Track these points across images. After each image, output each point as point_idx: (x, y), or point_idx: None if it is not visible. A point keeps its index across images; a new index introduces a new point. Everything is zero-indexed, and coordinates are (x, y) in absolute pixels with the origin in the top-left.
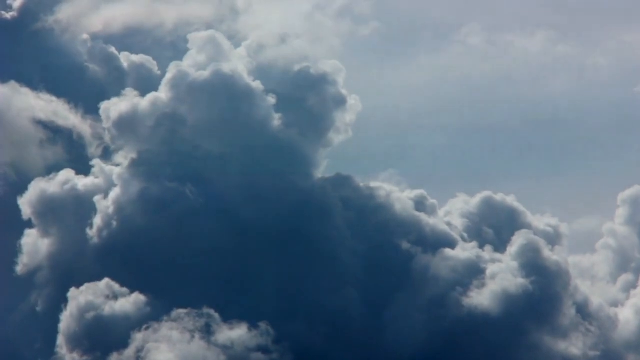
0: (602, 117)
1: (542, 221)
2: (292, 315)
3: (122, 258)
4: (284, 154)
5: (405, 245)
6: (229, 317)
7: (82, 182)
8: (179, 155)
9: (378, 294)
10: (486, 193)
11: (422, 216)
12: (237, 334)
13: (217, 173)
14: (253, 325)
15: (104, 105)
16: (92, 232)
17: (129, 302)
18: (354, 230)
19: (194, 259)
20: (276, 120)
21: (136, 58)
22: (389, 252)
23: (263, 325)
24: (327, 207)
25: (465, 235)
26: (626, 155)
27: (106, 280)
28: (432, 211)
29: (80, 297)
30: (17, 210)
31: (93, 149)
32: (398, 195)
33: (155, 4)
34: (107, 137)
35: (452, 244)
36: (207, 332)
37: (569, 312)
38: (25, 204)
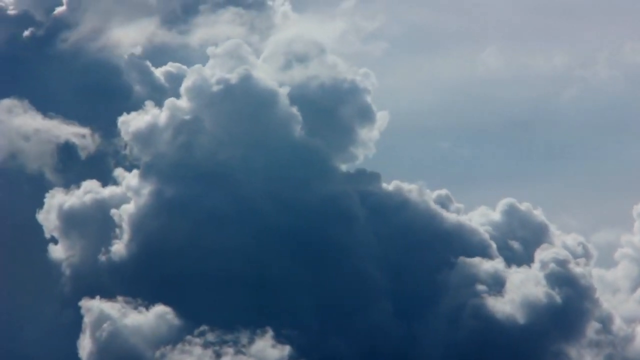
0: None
1: (564, 233)
2: (326, 330)
3: (143, 271)
4: (306, 163)
5: (434, 252)
6: (256, 332)
7: (106, 193)
8: (199, 163)
9: (408, 304)
10: (509, 201)
11: (450, 220)
12: (268, 352)
13: (239, 180)
14: (285, 341)
15: (122, 119)
16: (113, 245)
17: (151, 317)
18: (379, 236)
19: (218, 271)
20: (299, 129)
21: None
22: (417, 260)
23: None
24: (352, 213)
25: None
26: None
27: (127, 294)
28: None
29: (100, 310)
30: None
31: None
32: (425, 197)
33: (182, 24)
34: (127, 151)
35: (480, 253)
36: (235, 347)
37: (593, 325)
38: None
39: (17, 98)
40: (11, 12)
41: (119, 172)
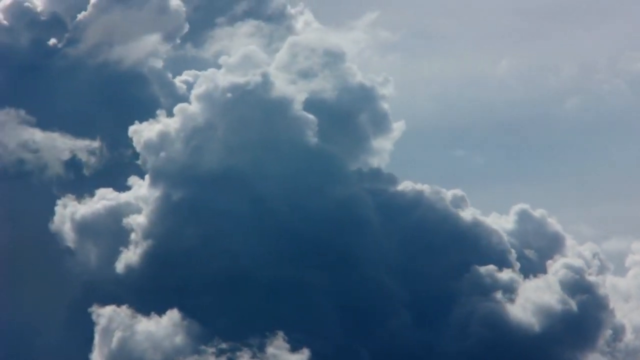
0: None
1: (577, 241)
2: (342, 335)
3: (155, 278)
4: (321, 168)
5: (451, 256)
6: (269, 338)
7: (119, 201)
8: (212, 169)
9: (423, 309)
10: (521, 207)
11: (467, 224)
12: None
13: (253, 186)
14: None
15: (132, 128)
16: (126, 252)
17: (164, 324)
18: (395, 239)
19: (232, 277)
20: (314, 135)
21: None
22: (434, 263)
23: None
24: (366, 218)
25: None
26: None
27: (139, 301)
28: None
29: (112, 317)
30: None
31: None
32: (440, 198)
33: (199, 37)
34: (140, 160)
35: (498, 259)
36: (250, 351)
37: (606, 333)
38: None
39: (29, 107)
40: (38, 13)
41: (133, 180)
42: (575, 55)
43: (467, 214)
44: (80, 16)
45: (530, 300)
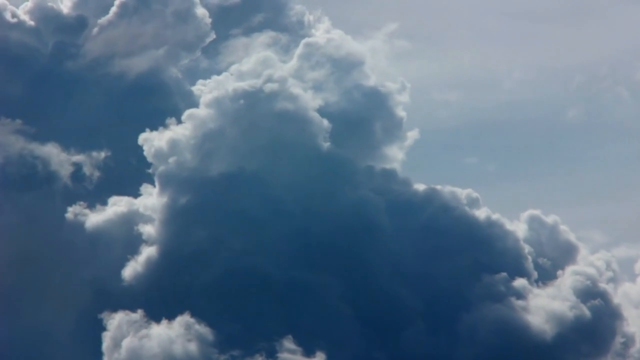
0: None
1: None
2: (357, 340)
3: (166, 283)
4: (334, 173)
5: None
6: (282, 343)
7: (130, 207)
8: (223, 173)
9: (438, 319)
10: (532, 213)
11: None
12: None
13: (265, 191)
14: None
15: (143, 136)
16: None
17: (176, 330)
18: (407, 245)
19: (247, 285)
20: (327, 139)
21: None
22: (448, 267)
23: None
24: (380, 222)
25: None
26: None
27: (150, 307)
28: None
29: (122, 323)
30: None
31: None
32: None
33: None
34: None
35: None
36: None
37: (619, 341)
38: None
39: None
40: (65, 14)
41: (145, 188)
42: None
43: (482, 215)
44: (102, 20)
45: (543, 308)
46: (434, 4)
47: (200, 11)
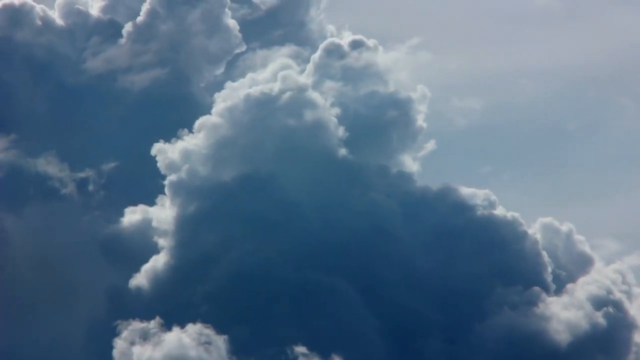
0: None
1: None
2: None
3: (180, 291)
4: (349, 179)
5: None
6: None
7: (144, 216)
8: (236, 178)
9: (452, 326)
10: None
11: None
12: None
13: (279, 197)
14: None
15: (157, 147)
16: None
17: (189, 337)
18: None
19: (261, 292)
20: (343, 145)
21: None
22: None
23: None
24: (393, 228)
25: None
26: None
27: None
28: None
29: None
30: None
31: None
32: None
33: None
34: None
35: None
36: None
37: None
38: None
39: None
40: (96, 17)
41: (160, 198)
42: None
43: (500, 217)
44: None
45: (559, 318)
46: (457, 16)
47: (231, 22)
